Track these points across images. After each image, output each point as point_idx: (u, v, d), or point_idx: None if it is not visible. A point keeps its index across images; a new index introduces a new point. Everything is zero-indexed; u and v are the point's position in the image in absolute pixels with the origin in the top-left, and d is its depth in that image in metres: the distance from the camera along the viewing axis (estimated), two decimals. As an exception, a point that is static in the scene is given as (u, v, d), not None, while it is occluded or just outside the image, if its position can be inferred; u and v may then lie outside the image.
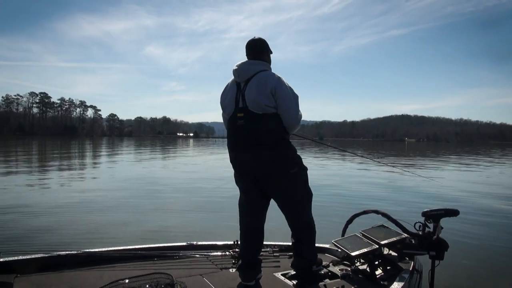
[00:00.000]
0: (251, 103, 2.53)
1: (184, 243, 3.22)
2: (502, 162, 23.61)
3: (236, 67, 2.67)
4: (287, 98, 2.55)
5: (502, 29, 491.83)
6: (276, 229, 3.58)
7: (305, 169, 2.66)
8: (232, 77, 2.74)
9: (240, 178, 2.72)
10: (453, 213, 2.66)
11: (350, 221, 3.05)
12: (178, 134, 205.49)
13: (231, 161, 2.70)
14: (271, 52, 2.84)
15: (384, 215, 2.88)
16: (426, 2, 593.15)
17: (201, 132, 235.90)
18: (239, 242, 2.95)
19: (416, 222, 2.76)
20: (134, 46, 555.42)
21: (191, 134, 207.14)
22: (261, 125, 2.50)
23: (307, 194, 2.68)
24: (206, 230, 5.35)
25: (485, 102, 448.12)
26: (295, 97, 2.62)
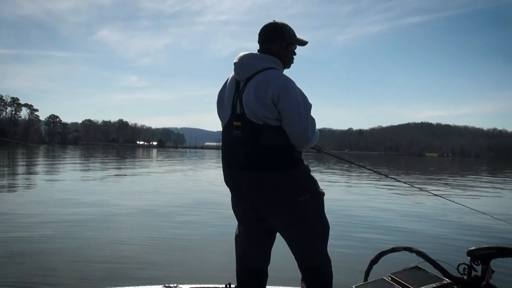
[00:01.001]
0: (248, 111, 2.46)
1: (160, 286, 3.17)
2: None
3: (237, 60, 2.57)
4: (294, 110, 2.43)
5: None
6: (281, 268, 3.54)
7: (320, 195, 2.59)
8: (233, 72, 2.65)
9: (236, 203, 2.69)
10: (508, 252, 2.65)
11: (375, 260, 3.02)
12: (138, 142, 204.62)
13: (225, 181, 2.67)
14: (292, 43, 2.68)
15: (420, 253, 2.87)
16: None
17: (167, 140, 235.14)
18: (232, 286, 2.91)
19: (460, 264, 2.75)
20: (83, 29, 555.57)
21: (155, 143, 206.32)
22: (261, 138, 2.43)
23: (322, 227, 2.63)
24: (189, 269, 5.28)
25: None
26: (307, 108, 2.50)
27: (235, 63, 2.58)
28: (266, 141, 2.42)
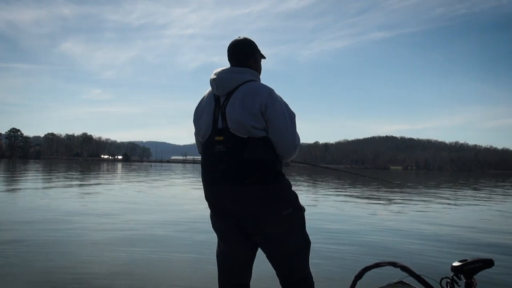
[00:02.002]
0: (233, 124, 2.48)
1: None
2: None
3: (215, 76, 2.62)
4: (281, 118, 2.51)
5: (504, 36, 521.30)
6: (263, 284, 3.49)
7: (302, 209, 2.63)
8: (209, 89, 2.70)
9: (218, 220, 2.66)
10: (489, 263, 2.67)
11: (359, 276, 2.99)
12: (102, 156, 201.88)
13: (207, 198, 2.65)
14: (263, 57, 2.83)
15: (404, 268, 2.85)
16: (412, 1, 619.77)
17: (133, 154, 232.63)
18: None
19: (443, 278, 2.74)
20: (46, 41, 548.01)
21: (120, 157, 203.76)
22: (246, 152, 2.44)
23: (304, 242, 2.65)
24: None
25: (486, 123, 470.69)
26: (291, 116, 2.59)
27: (214, 79, 2.62)
28: (251, 155, 2.45)
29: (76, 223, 9.32)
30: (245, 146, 2.44)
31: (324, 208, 13.75)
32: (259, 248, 2.69)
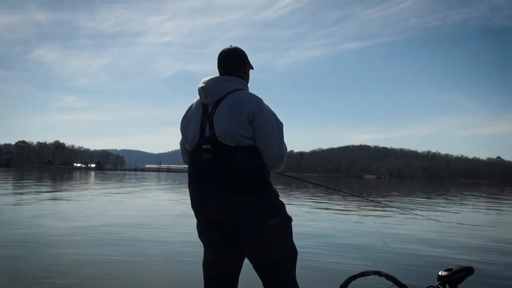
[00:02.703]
0: (221, 132, 2.47)
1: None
2: None
3: (203, 84, 2.61)
4: (269, 127, 2.52)
5: (476, 47, 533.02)
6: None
7: (289, 219, 2.62)
8: (197, 97, 2.68)
9: (204, 229, 2.63)
10: (471, 271, 2.69)
11: (344, 285, 2.96)
12: (75, 164, 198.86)
13: (193, 206, 2.62)
14: (251, 67, 2.83)
15: (389, 277, 2.84)
16: (386, 12, 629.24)
17: (106, 162, 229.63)
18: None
19: (428, 287, 2.75)
20: (19, 47, 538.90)
21: (93, 165, 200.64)
22: (233, 160, 2.44)
23: (292, 252, 2.63)
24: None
25: (457, 133, 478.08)
26: (279, 126, 2.61)
27: (202, 88, 2.61)
28: (238, 163, 2.44)
29: (45, 228, 9.18)
30: (232, 155, 2.43)
31: (299, 219, 13.76)
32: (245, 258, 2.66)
